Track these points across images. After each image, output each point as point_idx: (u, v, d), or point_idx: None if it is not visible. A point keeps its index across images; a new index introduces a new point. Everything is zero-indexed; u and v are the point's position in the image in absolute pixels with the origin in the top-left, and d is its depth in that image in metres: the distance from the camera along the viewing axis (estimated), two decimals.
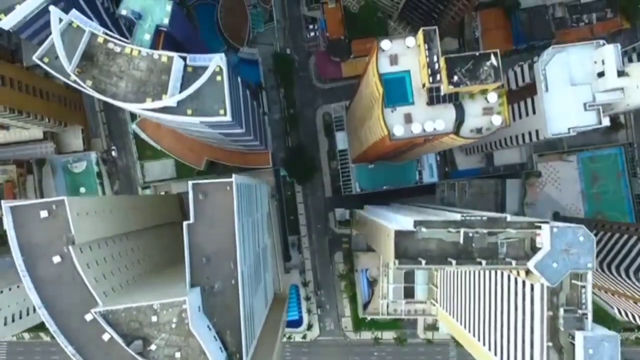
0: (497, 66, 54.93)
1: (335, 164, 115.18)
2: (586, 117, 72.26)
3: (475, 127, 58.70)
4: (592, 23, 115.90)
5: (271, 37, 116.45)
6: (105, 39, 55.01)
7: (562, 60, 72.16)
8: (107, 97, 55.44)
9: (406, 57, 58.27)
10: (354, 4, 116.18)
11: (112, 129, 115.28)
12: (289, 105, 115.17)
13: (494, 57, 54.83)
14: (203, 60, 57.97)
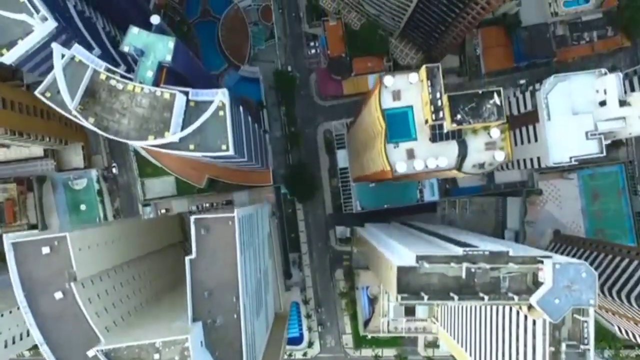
0: (500, 104, 54.87)
1: (336, 182, 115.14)
2: (588, 146, 72.23)
3: (478, 162, 58.67)
4: (593, 41, 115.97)
5: (272, 55, 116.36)
6: (108, 75, 54.89)
7: (564, 89, 72.17)
8: (110, 134, 55.31)
9: (409, 92, 58.20)
10: (355, 21, 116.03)
11: (113, 146, 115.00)
12: (289, 123, 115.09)
13: (497, 95, 54.77)
14: (206, 95, 57.79)
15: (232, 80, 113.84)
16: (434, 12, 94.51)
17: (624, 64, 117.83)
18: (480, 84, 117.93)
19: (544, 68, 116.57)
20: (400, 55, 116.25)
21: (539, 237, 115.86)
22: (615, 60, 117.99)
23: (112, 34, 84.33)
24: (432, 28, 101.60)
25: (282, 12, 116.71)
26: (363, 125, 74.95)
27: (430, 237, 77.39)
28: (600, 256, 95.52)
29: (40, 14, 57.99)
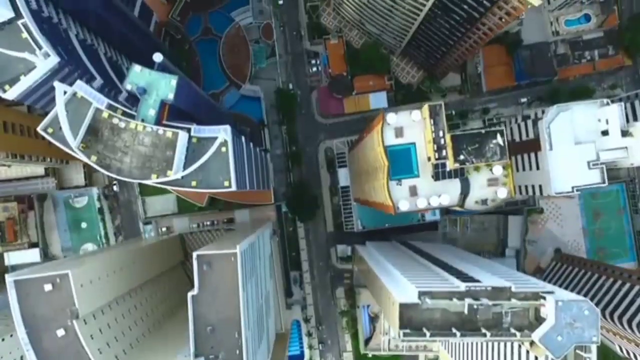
0: (503, 145, 54.79)
1: (337, 200, 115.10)
2: (590, 176, 72.28)
3: (480, 198, 58.62)
4: (594, 60, 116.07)
5: (273, 72, 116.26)
6: (110, 114, 54.81)
7: (566, 118, 72.08)
8: (112, 173, 55.27)
9: (411, 129, 58.15)
10: (356, 39, 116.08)
11: None
12: (291, 141, 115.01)
13: (500, 135, 54.68)
14: (208, 131, 57.73)
15: (233, 99, 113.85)
16: (436, 34, 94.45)
17: (625, 82, 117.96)
18: (481, 102, 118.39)
19: (546, 86, 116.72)
20: (401, 73, 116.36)
21: (540, 256, 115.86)
22: (616, 79, 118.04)
23: (113, 59, 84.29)
24: (434, 48, 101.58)
25: (283, 30, 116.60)
26: (365, 154, 74.87)
27: (431, 265, 77.18)
28: (601, 279, 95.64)
29: (43, 50, 57.89)
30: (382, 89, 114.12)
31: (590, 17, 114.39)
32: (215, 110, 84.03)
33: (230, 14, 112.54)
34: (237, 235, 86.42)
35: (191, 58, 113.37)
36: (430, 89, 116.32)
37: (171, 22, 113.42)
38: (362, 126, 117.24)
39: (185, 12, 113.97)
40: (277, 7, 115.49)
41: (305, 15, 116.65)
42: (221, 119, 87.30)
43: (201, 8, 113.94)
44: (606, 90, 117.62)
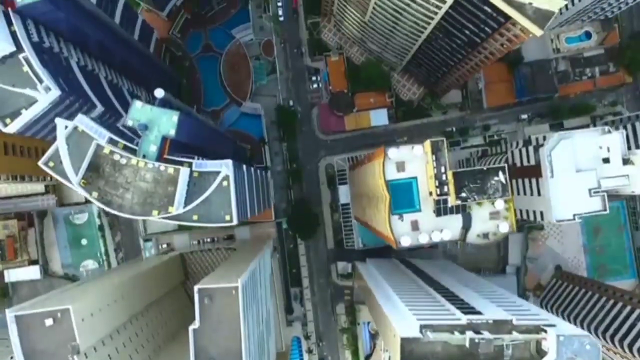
0: (505, 182, 54.76)
1: (338, 217, 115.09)
2: (591, 203, 72.26)
3: (482, 232, 58.63)
4: (595, 77, 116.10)
5: (274, 89, 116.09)
6: (111, 150, 54.70)
7: (567, 146, 72.00)
8: (113, 210, 55.18)
9: (413, 163, 58.12)
10: (357, 55, 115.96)
11: None
12: (291, 158, 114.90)
13: (502, 173, 54.65)
14: (210, 166, 57.62)
15: (234, 116, 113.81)
16: (437, 54, 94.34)
17: (626, 99, 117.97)
18: (481, 118, 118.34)
19: (546, 102, 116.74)
20: (402, 90, 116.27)
21: (541, 273, 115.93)
22: (616, 95, 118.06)
23: (114, 81, 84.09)
24: (435, 68, 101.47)
25: (283, 46, 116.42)
26: (366, 181, 74.85)
27: (432, 291, 77.02)
28: (602, 299, 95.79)
29: (44, 84, 57.82)
30: (383, 106, 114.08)
31: (591, 35, 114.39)
32: (217, 137, 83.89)
33: (231, 31, 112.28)
34: (238, 258, 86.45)
35: (191, 75, 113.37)
36: (431, 106, 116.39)
37: (172, 38, 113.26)
38: (362, 142, 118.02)
39: (186, 29, 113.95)
40: (278, 24, 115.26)
41: (305, 32, 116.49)
42: (222, 145, 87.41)
43: (202, 25, 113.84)
44: (607, 107, 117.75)
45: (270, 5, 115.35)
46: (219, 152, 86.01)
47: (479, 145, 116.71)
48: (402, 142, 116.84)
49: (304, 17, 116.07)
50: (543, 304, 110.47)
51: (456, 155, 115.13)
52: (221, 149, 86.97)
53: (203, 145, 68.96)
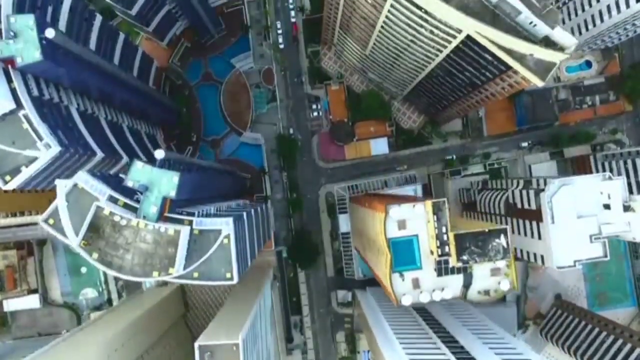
0: (507, 245, 54.66)
1: (338, 245, 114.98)
2: (592, 249, 72.17)
3: (483, 289, 58.54)
4: (595, 105, 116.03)
5: (274, 117, 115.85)
6: (111, 211, 54.49)
7: (568, 192, 71.85)
8: (113, 271, 55.00)
9: (414, 221, 57.98)
10: (357, 83, 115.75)
11: None
12: (291, 187, 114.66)
13: (504, 236, 54.54)
14: (210, 224, 57.50)
15: (234, 145, 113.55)
16: (438, 90, 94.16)
17: (626, 127, 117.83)
18: (482, 146, 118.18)
19: (547, 130, 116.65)
20: (402, 118, 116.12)
21: (541, 301, 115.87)
22: (617, 122, 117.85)
23: (114, 120, 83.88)
24: (436, 101, 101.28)
25: (284, 74, 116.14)
26: (367, 228, 74.77)
27: (425, 326, 76.94)
28: (602, 334, 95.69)
29: (44, 141, 57.58)
30: (383, 134, 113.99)
31: (591, 64, 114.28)
32: (217, 182, 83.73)
33: (231, 60, 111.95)
34: (239, 296, 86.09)
35: (191, 104, 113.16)
36: (431, 134, 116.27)
37: (172, 67, 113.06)
38: (363, 170, 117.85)
39: (186, 57, 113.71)
40: (278, 51, 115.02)
41: (306, 60, 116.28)
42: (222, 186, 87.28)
43: (202, 53, 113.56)
44: (607, 135, 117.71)
45: (270, 33, 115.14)
46: (219, 193, 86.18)
47: (480, 173, 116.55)
48: (402, 170, 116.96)
49: (304, 45, 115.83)
50: (543, 333, 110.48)
51: (457, 183, 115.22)
52: (221, 190, 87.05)
53: (203, 196, 68.87)
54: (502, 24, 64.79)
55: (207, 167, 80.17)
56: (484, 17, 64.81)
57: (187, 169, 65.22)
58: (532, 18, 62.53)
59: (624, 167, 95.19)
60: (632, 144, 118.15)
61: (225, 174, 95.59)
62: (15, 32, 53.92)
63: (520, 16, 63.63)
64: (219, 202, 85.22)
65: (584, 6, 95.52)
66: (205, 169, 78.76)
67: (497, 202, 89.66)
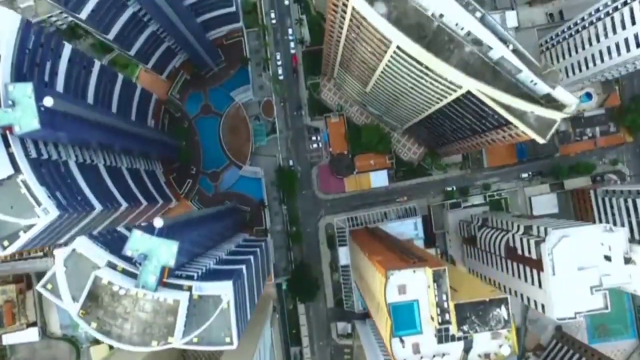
0: (508, 315, 54.43)
1: (338, 277, 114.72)
2: (593, 301, 72.05)
3: (484, 352, 58.29)
4: (596, 136, 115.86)
5: (274, 149, 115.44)
6: (110, 281, 54.21)
7: (569, 244, 71.59)
8: (112, 340, 54.65)
9: (414, 285, 57.73)
10: (357, 115, 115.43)
11: None
12: (291, 220, 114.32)
13: (504, 306, 54.31)
14: (210, 289, 57.25)
15: (233, 177, 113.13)
16: (437, 130, 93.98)
17: (626, 158, 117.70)
18: (482, 176, 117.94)
19: (547, 161, 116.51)
20: (402, 150, 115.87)
21: (541, 333, 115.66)
22: (617, 153, 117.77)
23: (113, 164, 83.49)
24: (436, 137, 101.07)
25: (283, 106, 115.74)
26: (367, 278, 74.52)
27: None
28: None
29: (42, 206, 57.17)
30: (383, 167, 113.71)
31: (591, 96, 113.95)
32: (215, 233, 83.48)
33: (230, 94, 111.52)
34: None
35: (191, 136, 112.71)
36: (431, 166, 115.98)
37: (171, 99, 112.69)
38: (362, 202, 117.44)
39: (185, 90, 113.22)
40: (278, 83, 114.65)
41: (306, 91, 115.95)
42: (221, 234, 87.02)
43: (201, 85, 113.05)
44: (607, 165, 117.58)
45: (270, 65, 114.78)
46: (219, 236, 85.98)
47: (480, 204, 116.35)
48: (402, 202, 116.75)
49: (304, 76, 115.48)
50: None
51: (457, 214, 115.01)
52: (221, 233, 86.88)
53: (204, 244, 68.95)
54: (503, 80, 64.62)
55: (206, 216, 79.92)
56: (484, 73, 64.67)
57: (186, 227, 64.91)
58: (533, 77, 62.30)
59: (624, 206, 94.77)
60: (632, 174, 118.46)
61: (224, 216, 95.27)
62: (14, 101, 53.53)
63: (520, 74, 63.41)
64: (219, 245, 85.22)
65: (584, 44, 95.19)
66: (205, 218, 78.52)
67: (498, 243, 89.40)
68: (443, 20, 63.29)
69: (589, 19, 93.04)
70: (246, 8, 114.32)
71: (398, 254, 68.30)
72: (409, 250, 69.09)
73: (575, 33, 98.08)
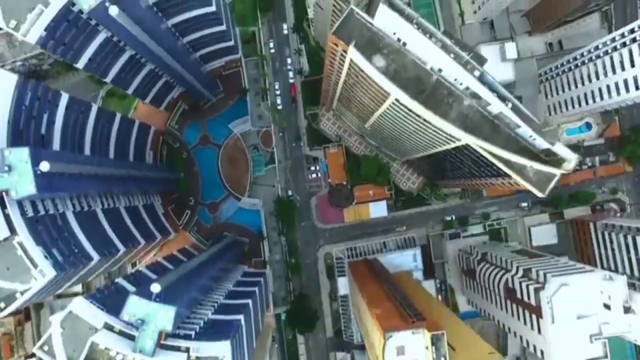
0: None
1: (337, 306, 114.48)
2: (592, 349, 71.72)
3: None
4: (595, 166, 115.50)
5: (272, 179, 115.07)
6: (107, 347, 53.95)
7: (568, 293, 71.33)
8: None
9: (412, 347, 57.48)
10: (356, 145, 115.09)
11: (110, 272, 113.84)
12: (290, 250, 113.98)
13: None
14: (208, 350, 56.98)
15: (232, 209, 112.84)
16: (437, 167, 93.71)
17: (626, 187, 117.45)
18: (481, 206, 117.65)
19: None
20: (401, 179, 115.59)
21: None
22: (616, 182, 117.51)
23: (110, 206, 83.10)
24: (435, 173, 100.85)
25: (282, 135, 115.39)
26: (366, 325, 74.22)
27: None
28: None
29: (39, 268, 56.94)
30: (382, 197, 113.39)
31: (591, 125, 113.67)
32: (215, 269, 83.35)
33: (229, 126, 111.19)
34: None
35: (189, 167, 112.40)
36: (430, 196, 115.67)
37: (169, 130, 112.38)
38: (362, 231, 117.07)
39: (184, 120, 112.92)
40: (276, 112, 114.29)
41: (304, 121, 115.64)
42: (220, 269, 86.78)
43: (199, 116, 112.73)
44: (606, 194, 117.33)
45: (268, 94, 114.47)
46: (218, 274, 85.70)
47: (479, 233, 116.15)
48: (401, 231, 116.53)
49: (303, 106, 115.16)
50: None
51: (456, 244, 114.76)
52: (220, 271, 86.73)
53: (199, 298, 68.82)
54: (502, 133, 64.36)
55: (204, 262, 79.60)
56: (483, 127, 64.38)
57: (183, 284, 64.65)
58: (532, 133, 62.03)
59: (624, 242, 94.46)
60: (632, 203, 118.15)
61: (223, 254, 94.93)
62: (10, 166, 53.24)
63: (520, 129, 63.14)
64: (218, 286, 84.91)
65: (584, 80, 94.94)
66: (203, 265, 78.21)
67: (497, 282, 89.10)
68: (442, 74, 62.99)
69: (588, 55, 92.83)
70: (245, 37, 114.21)
71: (397, 305, 67.93)
72: (408, 302, 68.66)
73: (574, 67, 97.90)
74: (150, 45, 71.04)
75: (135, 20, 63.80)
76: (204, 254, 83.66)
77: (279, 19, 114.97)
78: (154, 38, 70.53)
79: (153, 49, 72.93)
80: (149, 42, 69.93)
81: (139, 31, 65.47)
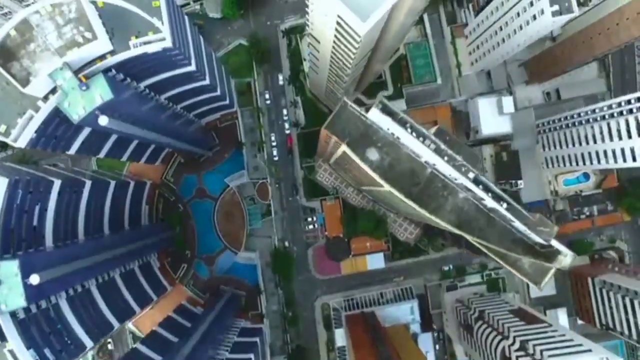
0: None
1: (334, 357, 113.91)
2: None
3: None
4: (594, 215, 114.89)
5: (269, 230, 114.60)
6: None
7: None
8: None
9: None
10: (353, 195, 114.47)
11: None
12: (287, 302, 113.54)
13: None
14: None
15: (229, 262, 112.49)
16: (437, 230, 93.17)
17: (624, 236, 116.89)
18: (479, 255, 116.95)
19: None
20: (399, 230, 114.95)
21: None
22: (615, 230, 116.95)
23: (105, 280, 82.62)
24: (438, 231, 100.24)
25: (278, 187, 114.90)
26: None
27: None
28: None
29: None
30: (379, 249, 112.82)
31: (589, 176, 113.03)
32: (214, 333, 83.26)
33: (225, 180, 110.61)
34: None
35: (185, 221, 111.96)
36: (428, 247, 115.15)
37: (165, 183, 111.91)
38: (359, 282, 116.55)
39: (179, 173, 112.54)
40: (273, 164, 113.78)
41: (301, 172, 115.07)
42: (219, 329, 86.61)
43: (195, 169, 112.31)
44: (605, 242, 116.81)
45: (264, 146, 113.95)
46: None
47: (477, 283, 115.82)
48: (398, 281, 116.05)
49: (299, 157, 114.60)
50: None
51: (453, 295, 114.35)
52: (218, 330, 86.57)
53: None
54: (497, 226, 63.82)
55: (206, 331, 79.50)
56: (479, 219, 63.83)
57: None
58: (526, 230, 61.52)
59: (622, 302, 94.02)
60: (631, 251, 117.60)
61: (221, 318, 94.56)
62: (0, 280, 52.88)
63: (515, 222, 62.62)
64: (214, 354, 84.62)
65: (581, 141, 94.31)
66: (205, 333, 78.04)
67: (494, 347, 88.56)
68: (436, 167, 62.47)
69: (585, 116, 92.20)
70: (240, 89, 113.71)
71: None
72: None
73: (572, 125, 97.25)
74: (141, 134, 70.52)
75: (125, 119, 63.30)
76: (205, 320, 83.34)
77: (274, 70, 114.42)
78: (146, 127, 70.03)
79: (144, 135, 72.43)
80: (140, 132, 69.40)
81: (130, 127, 64.95)
